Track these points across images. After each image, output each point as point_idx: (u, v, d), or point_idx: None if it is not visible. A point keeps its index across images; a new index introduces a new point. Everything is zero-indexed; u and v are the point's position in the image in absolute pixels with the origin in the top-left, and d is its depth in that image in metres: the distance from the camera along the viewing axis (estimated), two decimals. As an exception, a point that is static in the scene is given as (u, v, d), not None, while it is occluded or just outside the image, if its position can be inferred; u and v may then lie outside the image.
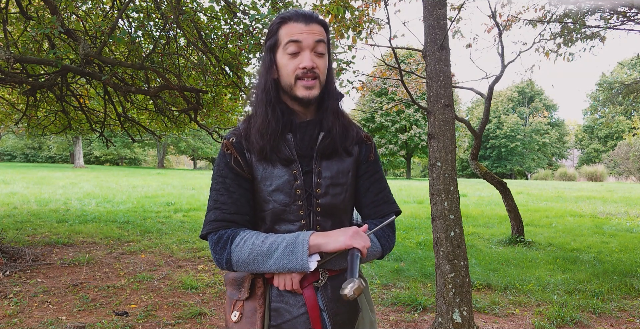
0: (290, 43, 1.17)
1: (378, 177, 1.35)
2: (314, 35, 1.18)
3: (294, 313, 1.20)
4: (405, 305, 3.88)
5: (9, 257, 4.83)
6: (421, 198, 13.90)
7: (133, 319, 3.42)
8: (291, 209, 1.21)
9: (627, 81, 11.30)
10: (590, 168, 39.21)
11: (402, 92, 8.28)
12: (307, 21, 1.18)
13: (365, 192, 1.33)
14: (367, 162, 1.33)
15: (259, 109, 1.22)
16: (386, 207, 1.34)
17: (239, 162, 1.21)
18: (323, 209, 1.24)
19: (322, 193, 1.23)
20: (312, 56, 1.18)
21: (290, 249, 1.13)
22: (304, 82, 1.18)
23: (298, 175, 1.22)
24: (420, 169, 59.56)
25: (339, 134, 1.25)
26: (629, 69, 41.24)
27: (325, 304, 1.22)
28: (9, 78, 4.38)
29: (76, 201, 10.90)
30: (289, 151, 1.21)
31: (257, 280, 1.21)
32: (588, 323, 3.53)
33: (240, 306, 1.22)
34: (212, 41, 4.81)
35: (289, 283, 1.17)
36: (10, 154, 45.86)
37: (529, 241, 6.80)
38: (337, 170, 1.26)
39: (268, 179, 1.21)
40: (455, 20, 5.72)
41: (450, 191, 2.99)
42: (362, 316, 1.31)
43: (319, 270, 1.22)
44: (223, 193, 1.21)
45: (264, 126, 1.20)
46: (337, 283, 1.25)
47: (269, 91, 1.21)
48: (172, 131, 7.80)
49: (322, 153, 1.24)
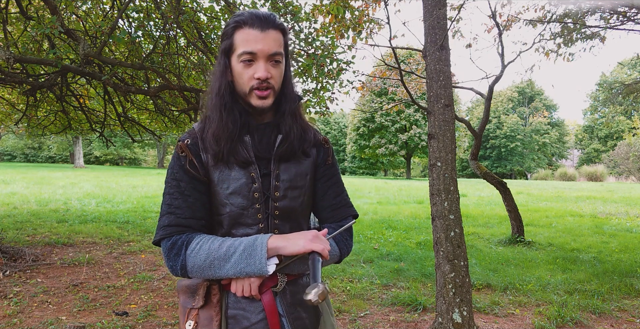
0: (244, 54, 1.14)
1: (336, 181, 1.34)
2: (270, 46, 1.14)
3: (252, 320, 1.17)
4: (405, 305, 3.88)
5: (9, 257, 4.83)
6: (421, 198, 13.90)
7: (133, 319, 3.42)
8: (249, 212, 1.19)
9: (627, 81, 11.30)
10: (590, 168, 39.21)
11: (402, 92, 8.28)
12: (263, 27, 1.13)
13: (323, 196, 1.31)
14: (325, 165, 1.32)
15: (214, 113, 1.19)
16: (344, 210, 1.33)
17: (194, 165, 1.18)
18: (281, 213, 1.22)
19: (280, 196, 1.21)
20: (267, 66, 1.15)
21: (248, 252, 1.10)
22: (258, 93, 1.16)
23: (256, 178, 1.19)
24: (420, 169, 59.55)
25: (296, 137, 1.23)
26: (629, 69, 41.25)
27: (284, 310, 1.20)
28: (9, 78, 4.38)
29: (76, 201, 10.90)
30: (247, 153, 1.19)
31: (212, 287, 1.17)
32: (588, 323, 3.53)
33: (194, 314, 1.18)
34: (212, 41, 4.81)
35: (247, 289, 1.14)
36: (10, 154, 45.88)
37: (529, 241, 6.80)
38: (296, 173, 1.24)
39: (225, 182, 1.18)
40: (455, 20, 5.72)
41: (450, 191, 2.99)
42: (324, 320, 1.29)
43: (277, 275, 1.19)
44: (177, 197, 1.17)
45: (219, 130, 1.17)
46: (295, 287, 1.23)
47: (224, 95, 1.18)
48: (172, 131, 7.80)
49: (280, 157, 1.22)
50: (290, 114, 1.24)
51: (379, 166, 45.20)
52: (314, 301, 1.02)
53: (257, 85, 1.15)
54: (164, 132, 8.54)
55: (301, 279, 1.27)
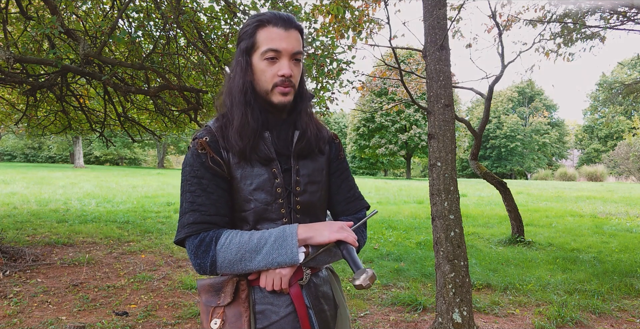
0: (269, 51, 1.16)
1: (347, 175, 1.39)
2: (293, 45, 1.18)
3: (281, 313, 1.19)
4: (405, 305, 3.88)
5: (9, 257, 4.83)
6: (421, 198, 13.90)
7: (133, 319, 3.42)
8: (273, 207, 1.21)
9: (627, 81, 11.30)
10: (590, 168, 39.22)
11: (402, 92, 8.28)
12: (286, 26, 1.17)
13: (337, 190, 1.36)
14: (337, 160, 1.37)
15: (237, 110, 1.20)
16: (358, 203, 1.38)
17: (216, 162, 1.19)
18: (302, 207, 1.25)
19: (301, 191, 1.24)
20: (290, 64, 1.18)
21: (279, 242, 1.13)
22: (281, 89, 1.18)
23: (278, 173, 1.22)
24: (420, 169, 59.55)
25: (313, 134, 1.27)
26: (629, 69, 41.24)
27: (310, 302, 1.22)
28: (9, 78, 4.37)
29: (76, 201, 10.90)
30: (268, 150, 1.21)
31: (241, 283, 1.18)
32: (588, 323, 3.53)
33: (220, 312, 1.17)
34: (212, 41, 4.81)
35: (278, 282, 1.15)
36: (10, 154, 45.88)
37: (529, 241, 6.80)
38: (313, 168, 1.28)
39: (248, 178, 1.20)
40: (455, 20, 5.72)
41: (450, 191, 2.99)
42: (340, 312, 1.32)
43: (302, 268, 1.21)
44: (200, 194, 1.17)
45: (242, 127, 1.18)
46: (318, 280, 1.27)
47: (247, 92, 1.20)
48: (172, 131, 7.80)
49: (298, 154, 1.25)
50: (305, 113, 1.28)
51: (379, 166, 45.19)
52: (365, 286, 1.04)
53: (281, 82, 1.17)
54: (164, 132, 8.54)
55: (321, 272, 1.30)
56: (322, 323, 1.23)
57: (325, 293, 1.28)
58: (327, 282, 1.31)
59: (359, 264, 1.10)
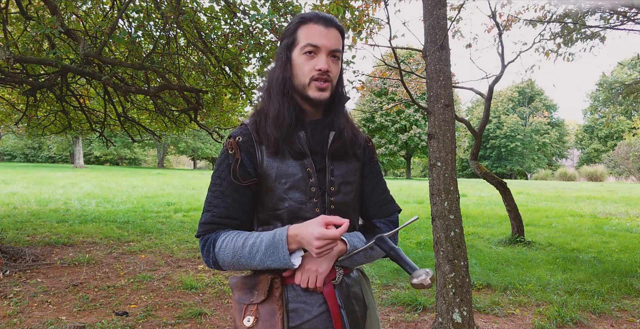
0: (308, 46, 1.18)
1: (380, 178, 1.39)
2: (332, 42, 1.20)
3: (314, 312, 1.19)
4: (405, 305, 3.88)
5: (9, 257, 4.83)
6: (421, 198, 13.90)
7: (133, 319, 3.42)
8: (307, 207, 1.21)
9: (627, 81, 11.30)
10: (590, 168, 39.23)
11: (402, 92, 8.28)
12: (327, 24, 1.20)
13: (370, 193, 1.36)
14: (371, 162, 1.37)
15: (275, 101, 1.22)
16: (390, 206, 1.38)
17: (243, 165, 1.20)
18: (336, 207, 1.24)
19: (335, 191, 1.24)
20: (328, 60, 1.20)
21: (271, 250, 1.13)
22: (318, 84, 1.19)
23: (312, 172, 1.22)
24: (420, 169, 59.54)
25: (349, 137, 1.27)
26: (629, 69, 41.22)
27: (342, 302, 1.23)
28: (9, 78, 4.37)
29: (76, 201, 10.90)
30: (302, 147, 1.21)
31: (275, 281, 1.19)
32: (588, 323, 3.53)
33: (253, 310, 1.17)
34: (212, 41, 4.81)
35: (313, 280, 1.17)
36: (10, 154, 45.87)
37: (529, 241, 6.80)
38: (347, 169, 1.28)
39: (282, 177, 1.20)
40: (455, 20, 5.72)
41: (450, 191, 2.99)
42: (369, 313, 1.32)
43: (335, 268, 1.22)
44: (218, 196, 1.20)
45: (278, 117, 1.20)
46: (349, 280, 1.27)
47: (286, 85, 1.22)
48: (172, 131, 7.80)
49: (333, 154, 1.25)
50: (342, 114, 1.29)
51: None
52: (426, 285, 1.04)
53: (318, 76, 1.18)
54: (164, 132, 8.54)
55: (352, 273, 1.30)
56: (353, 323, 1.23)
57: (356, 293, 1.28)
58: (357, 283, 1.31)
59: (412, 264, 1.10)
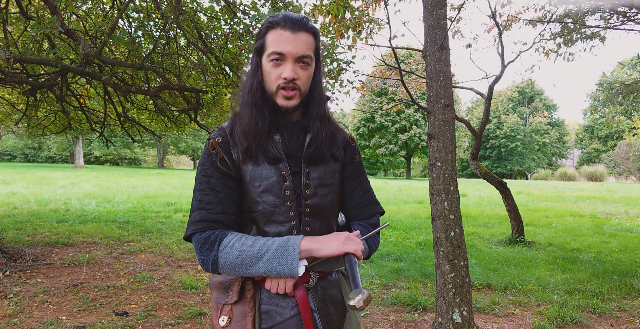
0: (273, 54, 1.16)
1: (362, 179, 1.36)
2: (299, 48, 1.16)
3: (286, 315, 1.19)
4: (405, 305, 3.88)
5: (9, 257, 4.83)
6: (421, 198, 13.90)
7: (133, 319, 3.42)
8: (281, 210, 1.20)
9: (627, 81, 11.30)
10: (590, 168, 39.21)
11: (402, 92, 8.28)
12: (294, 29, 1.16)
13: (351, 194, 1.34)
14: (352, 163, 1.34)
15: (245, 110, 1.21)
16: (372, 208, 1.36)
17: (225, 162, 1.20)
18: (312, 210, 1.23)
19: (310, 194, 1.23)
20: (294, 67, 1.17)
21: (281, 252, 1.12)
22: (284, 93, 1.18)
23: (287, 176, 1.21)
24: (420, 169, 59.54)
25: (325, 141, 1.25)
26: (629, 69, 41.21)
27: (316, 305, 1.22)
28: (9, 78, 4.37)
29: (76, 201, 10.90)
30: (277, 151, 1.21)
31: (246, 283, 1.19)
32: (588, 323, 3.53)
33: (228, 310, 1.20)
34: (212, 41, 4.81)
35: (282, 286, 1.17)
36: (10, 154, 45.86)
37: (529, 241, 6.80)
38: (325, 171, 1.27)
39: (257, 180, 1.20)
40: (455, 20, 5.72)
41: (450, 191, 2.99)
42: (349, 316, 1.31)
43: (309, 271, 1.21)
44: (208, 193, 1.19)
45: (249, 126, 1.19)
46: (326, 283, 1.26)
47: (255, 93, 1.20)
48: (172, 131, 7.80)
49: (309, 158, 1.24)
50: (318, 117, 1.26)
51: (379, 166, 45.18)
52: (358, 308, 1.03)
53: (284, 84, 1.17)
54: (164, 132, 8.53)
55: (330, 276, 1.29)
56: (327, 326, 1.23)
57: (333, 296, 1.26)
58: (336, 285, 1.29)
59: (358, 282, 1.07)
